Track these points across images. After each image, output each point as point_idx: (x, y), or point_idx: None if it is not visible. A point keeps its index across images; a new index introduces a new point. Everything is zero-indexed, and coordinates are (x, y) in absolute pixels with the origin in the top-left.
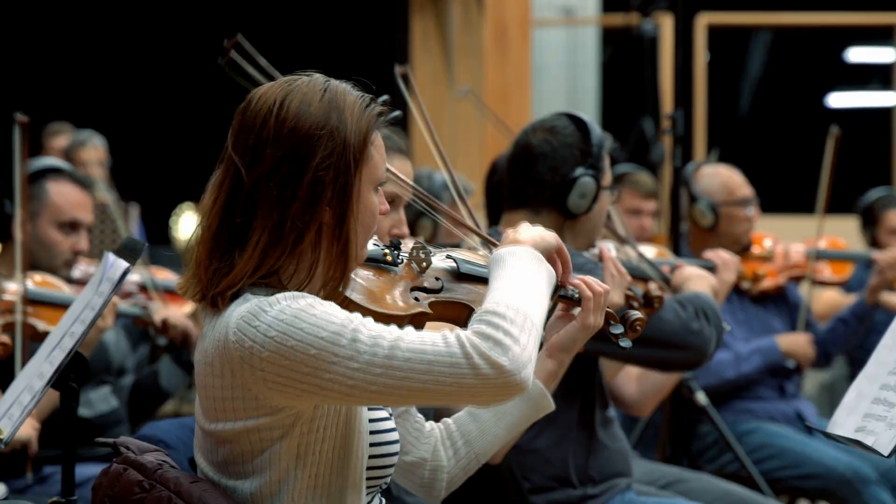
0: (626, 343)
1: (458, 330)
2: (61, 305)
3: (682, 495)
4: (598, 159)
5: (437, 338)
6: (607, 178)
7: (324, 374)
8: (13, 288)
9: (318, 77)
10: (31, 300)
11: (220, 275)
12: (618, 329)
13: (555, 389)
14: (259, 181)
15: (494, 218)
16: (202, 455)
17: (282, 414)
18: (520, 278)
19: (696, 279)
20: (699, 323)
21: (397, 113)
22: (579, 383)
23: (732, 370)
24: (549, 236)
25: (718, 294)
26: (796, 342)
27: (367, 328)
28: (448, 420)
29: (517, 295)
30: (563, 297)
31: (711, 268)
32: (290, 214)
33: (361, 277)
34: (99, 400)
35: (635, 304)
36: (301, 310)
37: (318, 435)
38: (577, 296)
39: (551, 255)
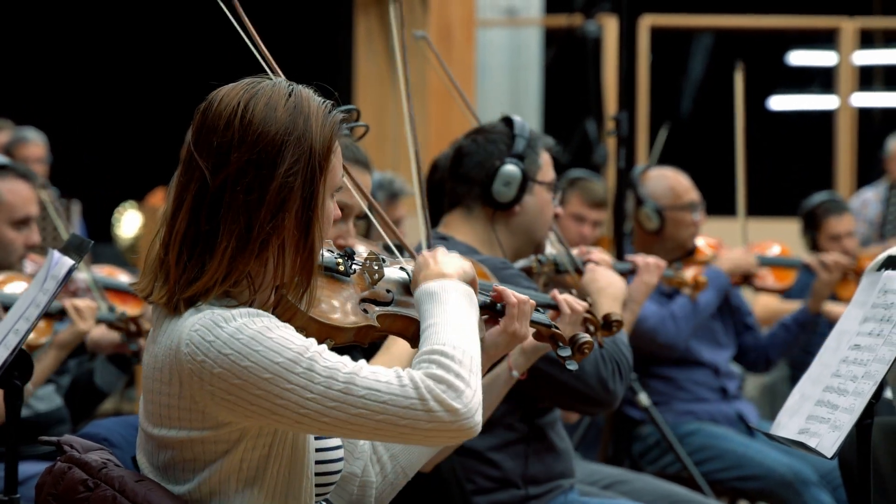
0: (572, 366)
1: (411, 370)
2: None
3: (624, 496)
4: (525, 150)
5: (391, 376)
6: (544, 174)
7: (276, 399)
8: None
9: (282, 80)
10: None
11: (190, 280)
12: (566, 352)
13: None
14: (224, 185)
15: (434, 217)
16: (144, 456)
17: (226, 429)
18: (458, 318)
19: (604, 293)
20: (615, 382)
21: (363, 124)
22: (522, 384)
23: (690, 318)
24: (467, 266)
25: (634, 298)
26: (733, 256)
27: (324, 357)
28: None
29: (460, 336)
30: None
31: (632, 270)
32: (256, 221)
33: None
34: (43, 397)
35: (592, 326)
36: (258, 331)
37: (263, 452)
38: (498, 307)
39: (473, 282)
